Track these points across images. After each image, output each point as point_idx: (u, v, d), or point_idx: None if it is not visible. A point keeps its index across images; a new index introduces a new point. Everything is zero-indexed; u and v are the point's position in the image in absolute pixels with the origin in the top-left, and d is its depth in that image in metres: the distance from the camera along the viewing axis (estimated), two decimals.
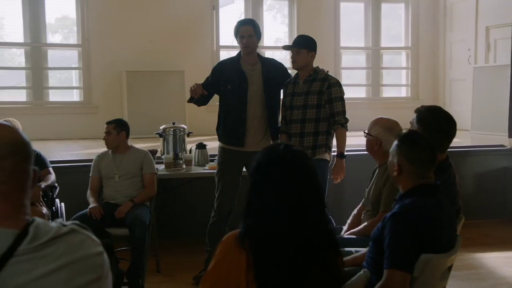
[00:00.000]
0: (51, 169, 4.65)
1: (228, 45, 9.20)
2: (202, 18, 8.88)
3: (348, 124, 4.48)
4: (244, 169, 4.60)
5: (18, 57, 8.82)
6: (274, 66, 4.65)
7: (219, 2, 9.04)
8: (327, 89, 4.33)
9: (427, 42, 9.74)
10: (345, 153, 4.33)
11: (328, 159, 4.47)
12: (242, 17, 9.31)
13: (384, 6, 9.74)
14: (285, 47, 4.66)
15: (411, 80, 9.86)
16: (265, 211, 1.87)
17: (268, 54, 9.42)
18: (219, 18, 8.99)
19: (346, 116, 4.42)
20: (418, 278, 2.23)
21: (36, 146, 4.58)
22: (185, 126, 5.51)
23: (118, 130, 4.67)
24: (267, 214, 1.87)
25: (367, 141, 3.58)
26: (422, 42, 9.74)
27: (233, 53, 4.92)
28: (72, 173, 5.44)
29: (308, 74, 4.38)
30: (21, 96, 8.53)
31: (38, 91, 8.38)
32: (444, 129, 2.99)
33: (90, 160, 5.51)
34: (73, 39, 8.74)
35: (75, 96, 8.75)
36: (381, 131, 3.53)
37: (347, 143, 4.51)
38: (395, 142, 2.53)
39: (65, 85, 9.04)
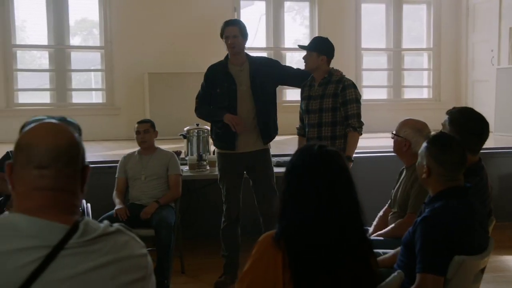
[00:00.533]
0: None
1: (248, 46, 9.23)
2: (223, 19, 8.73)
3: (370, 126, 4.41)
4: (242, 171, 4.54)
5: (39, 59, 8.93)
6: (263, 64, 4.56)
7: (240, 4, 9.07)
8: (341, 91, 4.21)
9: (449, 43, 9.67)
10: (368, 154, 4.32)
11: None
12: (263, 19, 9.34)
13: (406, 7, 9.70)
14: (300, 47, 4.54)
15: (433, 81, 9.80)
16: (300, 212, 1.88)
17: (288, 55, 9.44)
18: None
19: (362, 119, 4.28)
20: (451, 280, 2.23)
21: None
22: (208, 128, 5.52)
23: (153, 129, 4.76)
24: (302, 214, 1.87)
25: (395, 142, 3.57)
26: (444, 43, 9.68)
27: (253, 54, 4.93)
28: (98, 174, 5.46)
29: (323, 77, 4.29)
30: (45, 97, 8.63)
31: (62, 92, 8.46)
32: (477, 131, 2.97)
33: (115, 161, 5.57)
34: (95, 41, 8.83)
35: (97, 97, 8.82)
36: (410, 132, 3.52)
37: (365, 145, 4.45)
38: (425, 144, 2.52)
39: (87, 87, 9.12)
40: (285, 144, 6.62)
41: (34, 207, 1.36)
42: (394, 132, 3.57)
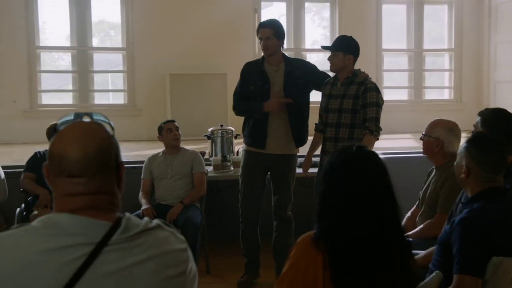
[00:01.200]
0: None
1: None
2: (244, 20, 8.93)
3: (391, 127, 4.32)
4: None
5: (62, 60, 9.01)
6: (299, 66, 4.56)
7: (261, 5, 9.08)
8: (362, 94, 4.13)
9: (471, 43, 9.60)
10: (391, 155, 4.27)
11: None
12: (284, 20, 9.34)
13: (427, 8, 9.64)
14: (323, 47, 4.52)
15: (454, 82, 9.74)
16: (339, 212, 1.89)
17: (308, 56, 9.44)
18: (260, 21, 9.00)
19: (381, 124, 4.20)
20: (489, 281, 2.22)
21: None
22: (232, 129, 5.55)
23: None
24: (342, 215, 1.88)
25: (426, 143, 3.56)
26: (465, 44, 9.61)
27: None
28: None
29: (347, 77, 4.22)
30: (67, 98, 8.71)
31: (84, 93, 8.53)
32: (510, 131, 2.95)
33: (138, 162, 5.61)
34: (116, 43, 8.89)
35: (119, 99, 8.88)
36: (442, 132, 3.51)
37: (388, 145, 4.40)
38: (464, 144, 2.51)
39: (108, 88, 9.19)
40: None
41: (73, 208, 1.39)
42: (424, 133, 3.56)
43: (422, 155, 3.74)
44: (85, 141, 1.41)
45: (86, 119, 1.52)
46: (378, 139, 4.18)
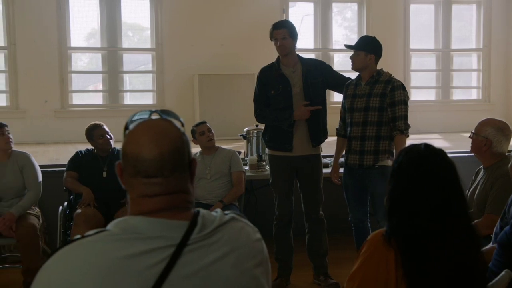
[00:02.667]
0: None
1: (298, 48, 9.25)
2: (272, 21, 8.79)
3: (419, 127, 4.30)
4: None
5: (81, 61, 9.10)
6: (315, 65, 4.54)
7: (289, 5, 9.10)
8: (390, 92, 4.12)
9: (499, 43, 9.55)
10: None
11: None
12: (306, 20, 9.35)
13: (455, 7, 9.60)
14: (346, 46, 4.43)
15: (482, 82, 9.68)
16: (409, 210, 1.90)
17: (336, 56, 9.44)
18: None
19: (409, 121, 4.19)
20: None
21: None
22: None
23: None
24: (412, 212, 1.90)
25: (475, 142, 3.55)
26: (494, 43, 9.55)
27: (304, 55, 4.82)
28: None
29: (371, 76, 4.20)
30: (97, 99, 8.79)
31: (114, 94, 8.62)
32: None
33: None
34: (145, 43, 8.96)
35: (148, 99, 8.95)
36: (492, 131, 3.49)
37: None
38: None
39: (138, 89, 9.26)
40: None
41: (150, 210, 1.38)
42: (473, 132, 3.55)
43: (465, 155, 3.74)
44: (159, 140, 1.40)
45: (155, 116, 1.48)
46: (408, 136, 4.20)
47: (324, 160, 5.15)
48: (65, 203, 4.66)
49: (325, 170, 4.71)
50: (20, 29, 8.09)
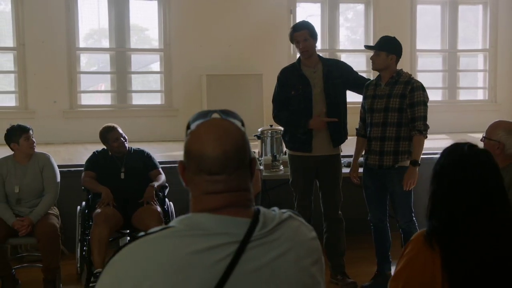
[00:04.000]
0: (161, 170, 4.81)
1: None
2: (279, 22, 8.98)
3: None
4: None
5: (101, 61, 9.11)
6: (336, 65, 4.58)
7: (296, 6, 9.13)
8: (409, 93, 4.16)
9: (506, 43, 9.58)
10: (426, 155, 4.24)
11: None
12: (318, 20, 9.37)
13: (461, 8, 9.63)
14: (366, 47, 4.53)
15: (488, 82, 9.71)
16: (452, 211, 1.92)
17: (343, 57, 9.46)
18: (296, 22, 9.06)
19: (427, 122, 4.24)
20: None
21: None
22: (282, 129, 5.58)
23: None
24: (454, 214, 1.91)
25: (486, 146, 3.56)
26: (500, 44, 9.58)
27: None
28: (170, 173, 5.57)
29: (391, 76, 4.24)
30: (105, 99, 8.81)
31: (122, 94, 8.63)
32: None
33: (175, 162, 5.68)
34: (153, 44, 8.97)
35: (156, 99, 8.96)
36: (503, 134, 3.50)
37: (428, 146, 4.41)
38: None
39: (146, 89, 9.28)
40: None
41: (214, 207, 1.41)
42: (484, 135, 3.57)
43: None
44: (222, 139, 1.42)
45: (216, 116, 1.51)
46: (427, 137, 4.24)
47: (344, 160, 5.19)
48: (83, 203, 4.67)
49: (344, 170, 4.73)
50: (29, 30, 8.09)
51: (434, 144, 7.93)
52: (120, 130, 4.75)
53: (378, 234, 4.45)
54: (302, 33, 4.38)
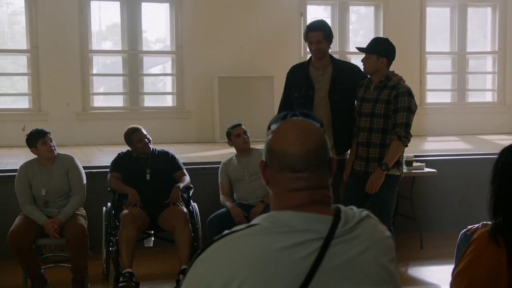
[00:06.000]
0: (185, 171, 4.84)
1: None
2: (290, 24, 9.03)
3: (435, 129, 4.14)
4: None
5: (114, 63, 9.15)
6: (347, 69, 4.40)
7: (307, 9, 9.18)
8: (394, 98, 3.96)
9: None
10: (450, 157, 4.13)
11: (397, 173, 4.12)
12: (329, 23, 9.41)
13: (470, 10, 9.69)
14: (358, 49, 4.24)
15: (497, 84, 9.77)
16: None
17: (353, 59, 9.51)
18: (306, 24, 9.11)
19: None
20: None
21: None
22: None
23: None
24: None
25: None
26: (509, 46, 9.64)
27: None
28: (202, 175, 5.60)
29: (379, 80, 4.04)
30: (118, 101, 8.84)
31: (134, 96, 8.66)
32: None
33: (205, 163, 5.74)
34: (165, 46, 9.01)
35: (167, 101, 9.00)
36: None
37: (441, 148, 4.31)
38: None
39: (158, 91, 9.31)
40: None
41: (297, 205, 1.45)
42: None
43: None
44: (305, 138, 1.47)
45: (294, 117, 1.55)
46: (407, 145, 4.05)
47: None
48: (108, 204, 4.71)
49: None
50: (42, 32, 8.13)
51: (444, 146, 8.01)
52: (144, 132, 4.78)
53: None
54: (317, 35, 4.23)
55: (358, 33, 9.61)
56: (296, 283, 1.37)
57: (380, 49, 4.03)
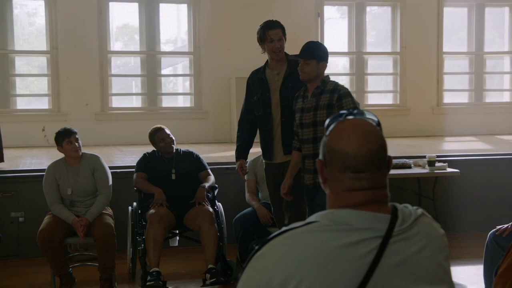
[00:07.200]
0: (209, 171, 4.86)
1: (332, 51, 9.31)
2: (307, 25, 9.03)
3: (452, 129, 3.81)
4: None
5: (131, 64, 9.19)
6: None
7: (323, 9, 9.18)
8: (337, 102, 3.70)
9: None
10: (472, 157, 3.93)
11: None
12: (345, 23, 9.42)
13: (488, 10, 9.66)
14: (295, 56, 3.88)
15: None
16: None
17: (370, 61, 9.49)
18: (324, 25, 9.13)
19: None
20: None
21: (151, 150, 4.83)
22: None
23: None
24: None
25: None
26: None
27: (338, 59, 4.55)
28: (225, 174, 5.61)
29: (316, 86, 3.79)
30: (136, 102, 8.89)
31: (152, 97, 8.69)
32: None
33: (226, 163, 5.76)
34: (182, 47, 9.04)
35: (185, 102, 9.02)
36: None
37: (458, 148, 4.13)
38: None
39: (174, 92, 9.35)
40: None
41: (357, 203, 1.47)
42: None
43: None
44: (367, 138, 1.49)
45: (351, 116, 1.57)
46: None
47: None
48: (134, 203, 4.73)
49: None
50: (62, 34, 8.19)
51: (464, 146, 7.99)
52: (168, 131, 4.81)
53: None
54: (278, 32, 4.13)
55: (370, 33, 9.58)
56: (355, 280, 1.38)
57: (320, 54, 3.80)
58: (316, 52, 3.78)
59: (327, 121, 1.58)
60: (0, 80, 8.17)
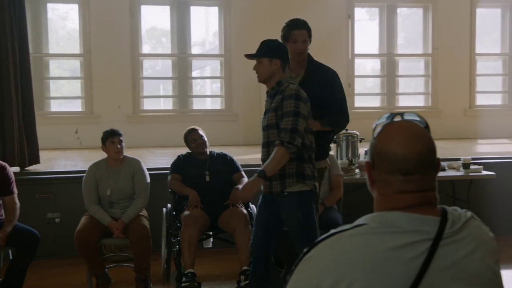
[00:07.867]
0: (243, 173, 4.87)
1: (363, 53, 9.30)
2: (338, 27, 9.01)
3: (486, 131, 3.65)
4: None
5: (163, 67, 9.28)
6: (322, 73, 4.01)
7: (354, 11, 9.14)
8: (280, 103, 3.46)
9: None
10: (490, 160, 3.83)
11: (305, 188, 3.51)
12: (376, 25, 9.36)
13: None
14: (247, 56, 3.82)
15: None
16: None
17: (401, 63, 9.42)
18: (354, 27, 9.10)
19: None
20: None
21: (182, 152, 4.85)
22: (357, 133, 5.61)
23: None
24: None
25: None
26: None
27: (367, 62, 4.41)
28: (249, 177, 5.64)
29: (272, 87, 3.60)
30: (165, 104, 8.96)
31: (183, 99, 8.75)
32: None
33: (256, 166, 5.75)
34: (213, 49, 9.09)
35: (216, 104, 9.07)
36: None
37: (498, 150, 4.01)
38: None
39: (206, 94, 9.40)
40: None
41: (405, 206, 1.46)
42: None
43: None
44: (417, 141, 1.48)
45: (398, 118, 1.56)
46: (292, 154, 3.40)
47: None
48: (168, 205, 4.77)
49: None
50: (95, 37, 8.29)
51: (499, 148, 7.88)
52: (201, 132, 4.85)
53: (256, 271, 3.67)
54: (304, 33, 3.98)
55: (399, 35, 9.50)
56: (406, 283, 1.37)
57: (272, 51, 3.62)
58: (267, 50, 3.63)
59: (373, 124, 1.57)
60: (36, 83, 8.31)
